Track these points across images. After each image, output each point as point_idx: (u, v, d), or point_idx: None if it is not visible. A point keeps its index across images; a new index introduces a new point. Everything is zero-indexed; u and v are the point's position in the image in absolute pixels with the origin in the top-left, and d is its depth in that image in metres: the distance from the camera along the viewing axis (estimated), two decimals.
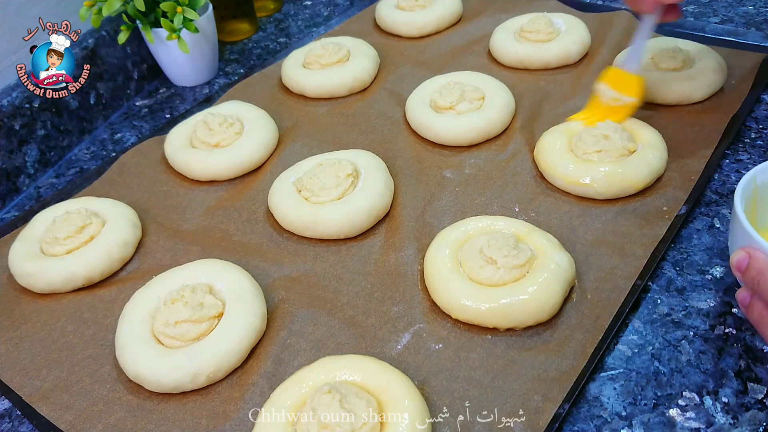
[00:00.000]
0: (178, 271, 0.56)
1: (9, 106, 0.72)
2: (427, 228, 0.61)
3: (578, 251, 0.56)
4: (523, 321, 0.50)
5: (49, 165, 0.79)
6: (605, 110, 0.66)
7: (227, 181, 0.71)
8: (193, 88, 0.91)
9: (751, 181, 0.48)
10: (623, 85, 0.65)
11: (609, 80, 0.66)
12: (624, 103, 0.65)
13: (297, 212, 0.61)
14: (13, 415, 0.51)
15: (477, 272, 0.52)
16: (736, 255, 0.39)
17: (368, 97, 0.81)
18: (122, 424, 0.48)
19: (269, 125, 0.74)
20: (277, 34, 1.03)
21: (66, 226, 0.61)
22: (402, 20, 0.92)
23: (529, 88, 0.78)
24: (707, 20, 0.88)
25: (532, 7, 0.91)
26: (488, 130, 0.70)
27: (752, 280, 0.38)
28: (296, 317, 0.54)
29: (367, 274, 0.58)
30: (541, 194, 0.63)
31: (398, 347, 0.51)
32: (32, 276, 0.59)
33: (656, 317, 0.51)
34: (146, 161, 0.74)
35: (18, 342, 0.55)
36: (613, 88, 0.66)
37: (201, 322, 0.51)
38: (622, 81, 0.65)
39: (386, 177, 0.64)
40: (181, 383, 0.49)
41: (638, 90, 0.65)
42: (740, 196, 0.45)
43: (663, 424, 0.44)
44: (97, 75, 0.84)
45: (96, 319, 0.57)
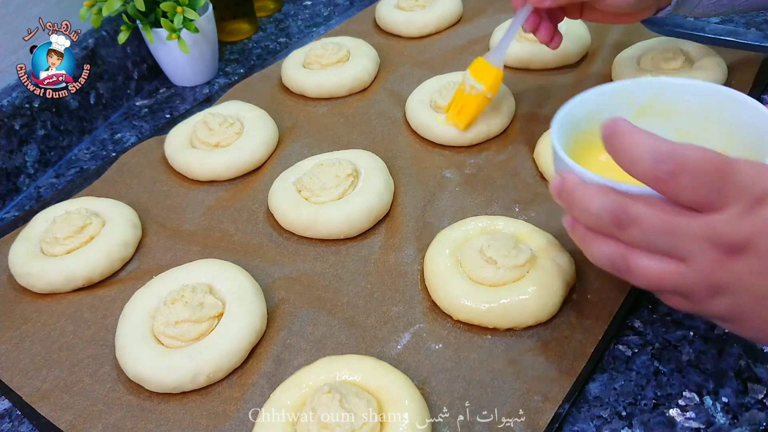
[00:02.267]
0: (178, 271, 0.56)
1: (9, 106, 0.72)
2: (427, 228, 0.61)
3: (578, 251, 0.55)
4: (523, 321, 0.50)
5: (49, 165, 0.79)
6: (463, 99, 0.68)
7: (227, 181, 0.71)
8: (193, 88, 0.91)
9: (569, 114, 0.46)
10: (483, 76, 0.66)
11: (473, 69, 0.67)
12: (479, 92, 0.66)
13: (297, 212, 0.61)
14: (13, 415, 0.51)
15: (477, 272, 0.52)
16: (553, 180, 0.40)
17: (368, 97, 0.81)
18: (122, 424, 0.48)
19: (269, 125, 0.74)
20: (277, 34, 1.03)
21: (66, 226, 0.61)
22: (402, 20, 0.92)
23: (529, 88, 0.78)
24: (707, 20, 0.87)
25: None
26: (488, 130, 0.70)
27: (566, 201, 0.39)
28: (296, 317, 0.54)
29: (367, 274, 0.58)
30: (541, 194, 0.63)
31: (398, 347, 0.51)
32: (32, 276, 0.59)
33: (656, 317, 0.51)
34: (146, 161, 0.74)
35: (18, 342, 0.55)
36: (473, 77, 0.66)
37: (201, 322, 0.51)
38: (484, 72, 0.66)
39: (386, 177, 0.64)
40: (181, 383, 0.49)
41: (494, 83, 0.66)
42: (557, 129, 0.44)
43: (663, 424, 0.44)
44: (97, 75, 0.84)
45: (96, 319, 0.57)
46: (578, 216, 0.39)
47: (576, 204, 0.38)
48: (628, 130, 0.36)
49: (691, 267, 0.36)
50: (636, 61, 0.75)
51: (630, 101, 0.48)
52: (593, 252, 0.39)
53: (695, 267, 0.35)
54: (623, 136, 0.36)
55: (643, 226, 0.36)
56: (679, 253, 0.36)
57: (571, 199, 0.38)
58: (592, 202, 0.37)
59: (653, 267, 0.37)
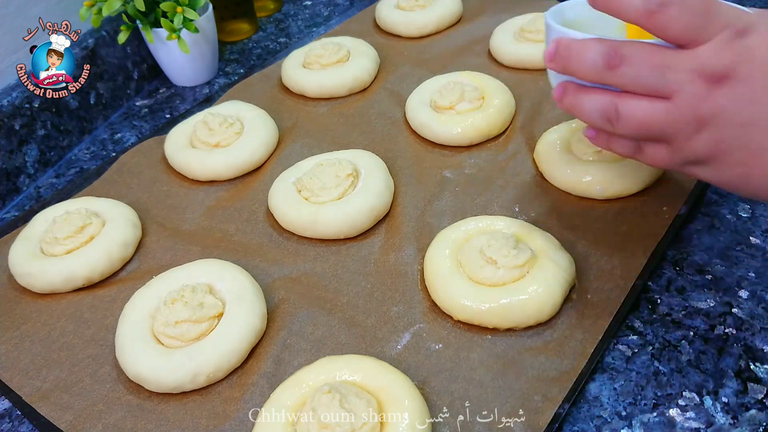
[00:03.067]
0: (178, 271, 0.56)
1: (9, 106, 0.72)
2: (427, 228, 0.61)
3: (578, 251, 0.56)
4: (523, 321, 0.50)
5: (49, 165, 0.79)
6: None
7: (227, 181, 0.71)
8: (193, 88, 0.91)
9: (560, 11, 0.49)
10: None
11: None
12: None
13: (297, 212, 0.61)
14: (13, 415, 0.51)
15: (477, 272, 0.52)
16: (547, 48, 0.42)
17: (368, 97, 0.81)
18: (122, 424, 0.48)
19: (269, 125, 0.74)
20: (277, 34, 1.03)
21: (66, 226, 0.61)
22: (402, 20, 0.92)
23: (529, 88, 0.78)
24: None
25: (532, 7, 0.91)
26: (488, 130, 0.70)
27: (562, 59, 0.41)
28: (296, 317, 0.54)
29: (367, 274, 0.58)
30: (541, 194, 0.63)
31: (398, 347, 0.51)
32: (32, 276, 0.59)
33: (656, 317, 0.51)
34: (146, 161, 0.74)
35: (18, 342, 0.55)
36: None
37: (201, 322, 0.51)
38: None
39: (386, 177, 0.64)
40: (181, 383, 0.49)
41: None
42: (551, 15, 0.46)
43: (663, 424, 0.44)
44: (97, 75, 0.84)
45: (96, 319, 0.57)
46: (574, 68, 0.41)
47: (572, 56, 0.40)
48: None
49: (677, 102, 0.38)
50: None
51: None
52: (584, 106, 0.41)
53: (681, 101, 0.38)
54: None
55: (634, 61, 0.38)
56: (667, 89, 0.38)
57: (567, 54, 0.41)
58: (587, 51, 0.39)
59: (642, 107, 0.39)
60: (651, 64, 0.38)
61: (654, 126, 0.39)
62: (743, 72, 0.36)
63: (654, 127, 0.39)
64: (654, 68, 0.38)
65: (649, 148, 0.42)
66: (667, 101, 0.38)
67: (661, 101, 0.38)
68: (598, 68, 0.39)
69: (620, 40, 0.39)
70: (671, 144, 0.40)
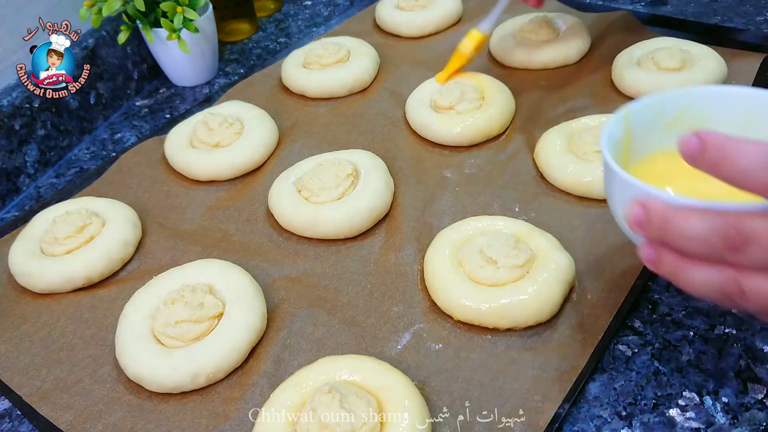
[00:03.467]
0: (178, 271, 0.56)
1: (9, 106, 0.72)
2: (427, 228, 0.61)
3: (578, 251, 0.56)
4: (523, 321, 0.50)
5: (49, 165, 0.79)
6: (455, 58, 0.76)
7: (227, 181, 0.71)
8: (193, 88, 0.91)
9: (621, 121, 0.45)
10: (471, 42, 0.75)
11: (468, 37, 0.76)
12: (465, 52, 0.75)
13: (297, 212, 0.61)
14: (13, 415, 0.51)
15: (477, 272, 0.52)
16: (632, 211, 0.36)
17: (368, 97, 0.81)
18: (122, 424, 0.48)
19: (269, 125, 0.74)
20: (277, 34, 1.03)
21: (66, 226, 0.61)
22: (402, 20, 0.92)
23: (529, 88, 0.78)
24: (707, 21, 0.87)
25: (532, 8, 0.91)
26: (488, 130, 0.70)
27: (657, 229, 0.35)
28: (296, 317, 0.54)
29: (367, 274, 0.58)
30: (541, 194, 0.63)
31: (398, 347, 0.51)
32: (32, 276, 0.59)
33: (656, 317, 0.51)
34: (146, 161, 0.74)
35: (18, 342, 0.55)
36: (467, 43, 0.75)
37: (201, 322, 0.51)
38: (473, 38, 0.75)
39: (386, 177, 0.64)
40: (181, 383, 0.49)
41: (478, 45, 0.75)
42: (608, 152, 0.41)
43: (663, 424, 0.44)
44: (97, 75, 0.84)
45: (96, 319, 0.57)
46: (678, 244, 0.34)
47: (673, 231, 0.34)
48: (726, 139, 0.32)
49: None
50: (636, 61, 0.75)
51: (660, 114, 0.46)
52: (695, 282, 0.35)
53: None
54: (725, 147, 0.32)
55: (763, 241, 0.32)
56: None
57: (665, 226, 0.34)
58: (695, 226, 0.33)
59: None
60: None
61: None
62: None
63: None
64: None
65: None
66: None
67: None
68: (714, 249, 0.33)
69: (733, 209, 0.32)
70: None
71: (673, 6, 0.93)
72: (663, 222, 0.34)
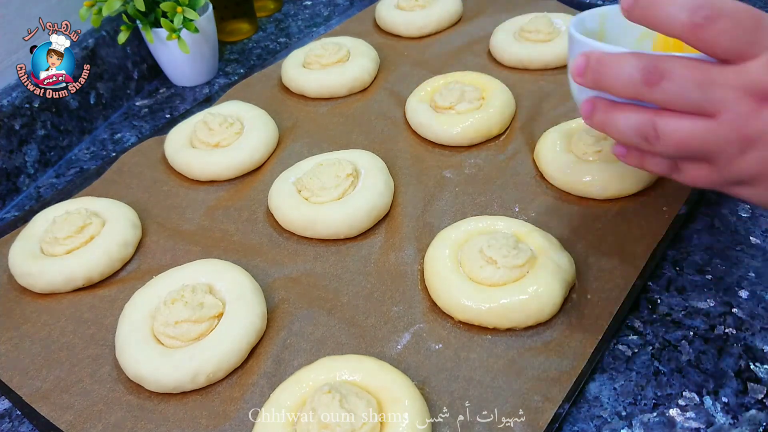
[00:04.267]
0: (178, 271, 0.57)
1: (9, 106, 0.72)
2: (427, 228, 0.61)
3: (578, 251, 0.56)
4: (523, 321, 0.50)
5: (49, 165, 0.79)
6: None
7: (227, 181, 0.71)
8: (193, 88, 0.91)
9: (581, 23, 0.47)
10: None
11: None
12: None
13: (297, 212, 0.61)
14: (13, 415, 0.51)
15: (477, 272, 0.52)
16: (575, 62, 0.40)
17: (368, 97, 0.81)
18: (122, 424, 0.48)
19: (269, 125, 0.74)
20: (277, 34, 1.03)
21: (66, 226, 0.61)
22: (402, 20, 0.92)
23: (529, 88, 0.78)
24: None
25: (532, 7, 0.91)
26: (488, 130, 0.70)
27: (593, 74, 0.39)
28: (296, 317, 0.54)
29: (367, 274, 0.58)
30: (541, 194, 0.63)
31: (398, 347, 0.51)
32: (32, 276, 0.59)
33: (656, 317, 0.51)
34: (146, 161, 0.74)
35: (18, 342, 0.55)
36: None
37: (201, 322, 0.51)
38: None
39: (386, 177, 0.64)
40: (181, 383, 0.49)
41: None
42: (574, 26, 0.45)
43: (663, 424, 0.44)
44: (97, 75, 0.84)
45: (96, 319, 0.57)
46: (607, 84, 0.38)
47: (605, 71, 0.38)
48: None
49: (722, 121, 0.35)
50: None
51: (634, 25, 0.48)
52: (619, 124, 0.39)
53: (727, 120, 0.35)
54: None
55: (676, 77, 0.35)
56: (711, 107, 0.35)
57: (599, 68, 0.38)
58: (623, 66, 0.37)
59: (683, 126, 0.36)
60: (694, 81, 0.35)
61: (696, 146, 0.36)
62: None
63: (696, 147, 0.37)
64: (698, 85, 0.35)
65: (687, 167, 0.39)
66: (711, 119, 0.35)
67: (703, 119, 0.36)
68: (635, 84, 0.36)
69: (659, 54, 0.37)
70: (713, 164, 0.37)
71: None
72: (598, 66, 0.38)
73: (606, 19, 0.47)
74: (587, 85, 0.39)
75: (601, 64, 0.38)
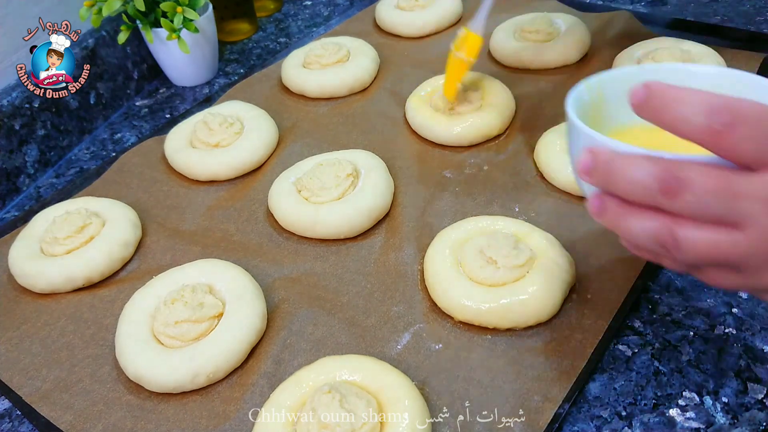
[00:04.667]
0: (178, 271, 0.57)
1: (9, 106, 0.72)
2: (427, 228, 0.61)
3: (578, 251, 0.56)
4: (523, 321, 0.50)
5: (49, 165, 0.79)
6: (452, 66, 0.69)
7: (227, 181, 0.71)
8: (193, 88, 0.91)
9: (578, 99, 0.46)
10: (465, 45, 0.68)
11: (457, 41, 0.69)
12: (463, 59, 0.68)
13: (297, 212, 0.61)
14: (13, 415, 0.51)
15: (477, 272, 0.52)
16: (581, 158, 0.37)
17: (368, 97, 0.81)
18: (122, 424, 0.48)
19: (269, 125, 0.74)
20: (277, 34, 1.03)
21: (66, 226, 0.61)
22: (402, 20, 0.92)
23: (529, 88, 0.78)
24: (707, 21, 0.88)
25: (532, 7, 0.91)
26: (488, 130, 0.70)
27: (602, 174, 0.36)
28: (296, 317, 0.54)
29: (367, 274, 0.58)
30: (541, 194, 0.63)
31: (398, 347, 0.51)
32: (32, 276, 0.59)
33: (656, 317, 0.51)
34: (146, 161, 0.74)
35: (18, 342, 0.55)
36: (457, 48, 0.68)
37: (201, 322, 0.51)
38: (466, 41, 0.68)
39: (386, 177, 0.64)
40: (181, 383, 0.49)
41: (473, 50, 0.68)
42: (572, 108, 0.43)
43: (663, 424, 0.44)
44: (97, 75, 0.84)
45: (96, 319, 0.57)
46: (618, 188, 0.35)
47: (616, 175, 0.35)
48: (669, 87, 0.33)
49: (747, 233, 0.33)
50: (636, 61, 0.75)
51: None
52: (632, 229, 0.36)
53: (753, 232, 0.33)
54: (665, 94, 0.33)
55: (696, 189, 0.32)
56: (734, 218, 0.33)
57: (609, 170, 0.35)
58: (636, 171, 0.34)
59: (704, 237, 0.33)
60: (716, 192, 0.32)
61: (720, 257, 0.34)
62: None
63: (720, 258, 0.34)
64: (721, 196, 0.32)
65: (710, 271, 0.36)
66: (735, 231, 0.33)
67: (727, 230, 0.33)
68: (651, 193, 0.33)
69: (675, 158, 0.33)
70: (739, 272, 0.35)
71: (673, 6, 0.93)
72: (608, 167, 0.35)
73: (604, 85, 0.46)
74: (595, 185, 0.37)
75: (611, 165, 0.35)
